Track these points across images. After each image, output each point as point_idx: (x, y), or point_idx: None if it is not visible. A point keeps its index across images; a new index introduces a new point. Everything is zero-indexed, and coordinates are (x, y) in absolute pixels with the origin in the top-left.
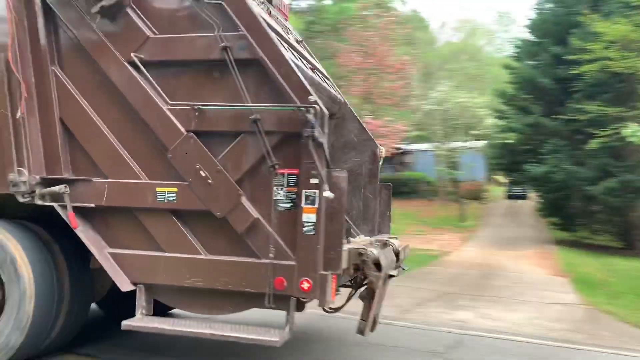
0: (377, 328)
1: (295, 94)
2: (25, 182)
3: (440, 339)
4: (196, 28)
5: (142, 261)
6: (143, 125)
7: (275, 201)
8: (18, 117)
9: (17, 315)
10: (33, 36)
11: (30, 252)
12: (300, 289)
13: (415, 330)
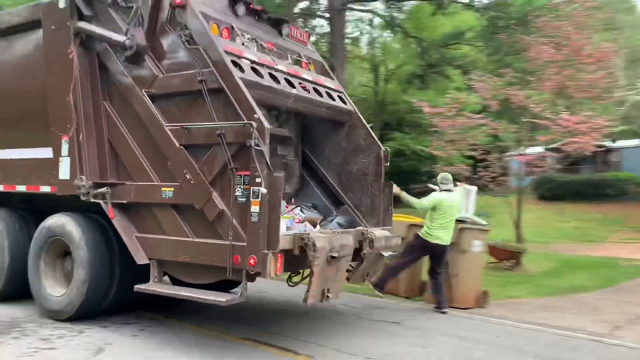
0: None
1: (244, 113)
2: (84, 185)
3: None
4: (185, 67)
5: (154, 242)
6: (154, 141)
7: (235, 196)
8: (80, 139)
9: (77, 280)
10: (91, 80)
11: (88, 233)
12: (249, 264)
13: (629, 350)
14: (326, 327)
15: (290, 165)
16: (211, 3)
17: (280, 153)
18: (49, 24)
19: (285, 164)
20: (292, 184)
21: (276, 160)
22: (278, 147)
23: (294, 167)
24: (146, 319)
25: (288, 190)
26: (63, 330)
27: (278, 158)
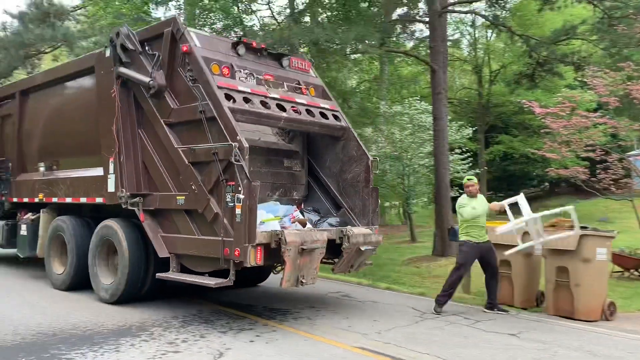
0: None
1: (229, 136)
2: (124, 196)
3: None
4: (191, 100)
5: (172, 239)
6: (171, 160)
7: (226, 202)
8: (121, 160)
9: (121, 270)
10: (129, 113)
11: (126, 231)
12: (235, 255)
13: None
14: (442, 338)
15: (297, 175)
16: (216, 47)
17: (287, 165)
18: (99, 69)
19: (292, 174)
20: (300, 190)
21: (282, 171)
22: (284, 160)
23: (300, 176)
24: (260, 324)
25: (296, 196)
26: (186, 335)
27: (284, 169)
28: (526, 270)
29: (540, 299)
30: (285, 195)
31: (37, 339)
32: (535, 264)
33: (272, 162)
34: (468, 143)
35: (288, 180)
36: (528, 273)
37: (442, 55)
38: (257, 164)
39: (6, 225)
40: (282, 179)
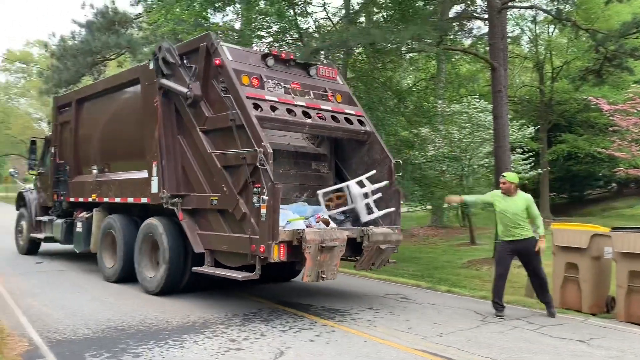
0: None
1: (256, 142)
2: (165, 197)
3: None
4: (223, 109)
5: (206, 236)
6: (206, 164)
7: (253, 202)
8: (163, 163)
9: (162, 264)
10: (170, 121)
11: (167, 228)
12: (260, 251)
13: None
14: (504, 342)
15: (325, 177)
16: (246, 60)
17: (315, 167)
18: (144, 81)
19: (319, 176)
20: (328, 192)
21: (310, 173)
22: (312, 163)
23: (327, 178)
24: (320, 324)
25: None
26: (247, 333)
27: (312, 172)
28: (595, 273)
29: (611, 305)
30: (313, 196)
31: (107, 333)
32: (605, 267)
33: (300, 165)
34: (530, 142)
35: (316, 182)
36: (597, 277)
37: (502, 53)
38: (286, 166)
39: (64, 223)
40: (310, 181)
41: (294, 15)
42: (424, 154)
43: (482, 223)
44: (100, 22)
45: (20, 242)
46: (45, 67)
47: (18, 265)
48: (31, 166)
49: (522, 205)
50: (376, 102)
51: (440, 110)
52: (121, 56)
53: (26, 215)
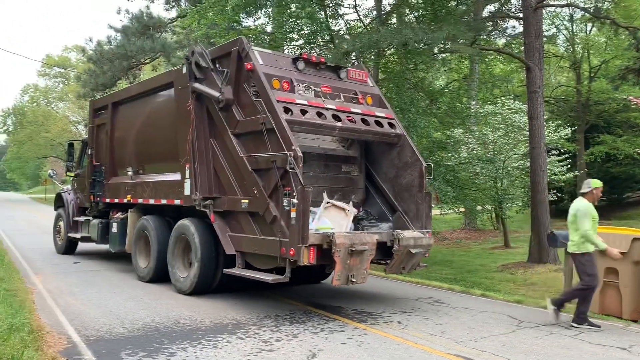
0: None
1: (286, 146)
2: (197, 199)
3: None
4: (254, 113)
5: (237, 238)
6: (237, 167)
7: (283, 205)
8: (196, 166)
9: (194, 264)
10: (202, 124)
11: (199, 230)
12: (290, 254)
13: None
14: (541, 348)
15: (355, 179)
16: (276, 64)
17: (345, 170)
18: (177, 85)
19: (350, 178)
20: (358, 194)
21: (340, 175)
22: (343, 165)
23: (358, 180)
24: (352, 327)
25: (354, 199)
26: (279, 334)
27: (342, 174)
28: (635, 279)
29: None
30: (344, 199)
31: (142, 332)
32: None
33: (330, 167)
34: (566, 144)
35: (346, 184)
36: (637, 282)
37: (537, 52)
38: (316, 169)
39: (100, 223)
40: (340, 183)
41: (325, 17)
42: (457, 155)
43: (516, 226)
44: (136, 27)
45: (58, 242)
46: (82, 72)
47: (56, 265)
48: (69, 168)
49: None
50: (408, 104)
51: (474, 111)
52: (155, 60)
53: (64, 216)
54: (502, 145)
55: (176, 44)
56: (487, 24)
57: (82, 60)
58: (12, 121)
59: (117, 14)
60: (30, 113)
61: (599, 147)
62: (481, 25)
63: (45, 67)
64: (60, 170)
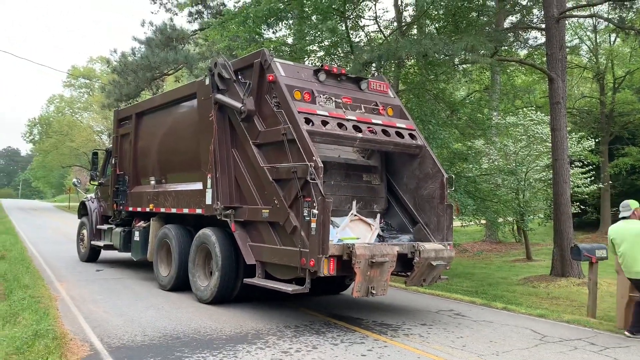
0: None
1: (306, 156)
2: (218, 208)
3: None
4: (275, 124)
5: (258, 248)
6: (258, 177)
7: (303, 216)
8: (217, 176)
9: (214, 273)
10: (224, 134)
11: (220, 239)
12: (310, 265)
13: None
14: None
15: (376, 188)
16: (298, 75)
17: (366, 179)
18: (200, 96)
19: (371, 187)
20: (380, 203)
21: (361, 184)
22: (363, 174)
23: (379, 189)
24: (371, 339)
25: (376, 209)
26: (299, 345)
27: (363, 183)
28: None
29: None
30: (366, 208)
31: (163, 341)
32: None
33: (351, 177)
34: (589, 155)
35: (367, 193)
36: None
37: (560, 63)
38: (337, 177)
39: (123, 232)
40: (361, 192)
41: (345, 29)
42: (478, 166)
43: (538, 239)
44: (159, 38)
45: (81, 250)
46: (106, 82)
47: (79, 272)
48: (93, 177)
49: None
50: (428, 115)
51: (495, 123)
52: (178, 71)
53: (87, 224)
54: (524, 157)
55: (199, 55)
56: (508, 35)
57: (107, 71)
58: (37, 131)
59: (141, 26)
60: (55, 123)
61: (624, 159)
62: (502, 36)
63: (70, 78)
64: (84, 179)
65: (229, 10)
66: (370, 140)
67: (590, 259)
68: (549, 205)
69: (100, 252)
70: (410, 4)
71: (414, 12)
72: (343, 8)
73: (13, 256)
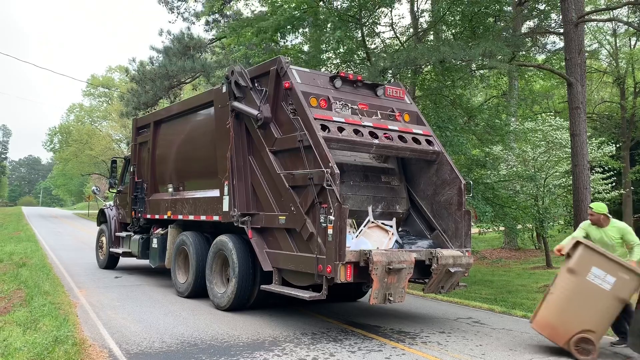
0: None
1: (323, 163)
2: (235, 215)
3: None
4: (291, 130)
5: (274, 255)
6: (274, 183)
7: (320, 222)
8: (234, 183)
9: (231, 280)
10: (241, 142)
11: (237, 246)
12: (327, 272)
13: None
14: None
15: (396, 189)
16: (314, 82)
17: (385, 180)
18: (217, 103)
19: (391, 188)
20: (402, 204)
21: (381, 185)
22: (382, 176)
23: (399, 190)
24: (389, 347)
25: (399, 209)
26: (316, 352)
27: (383, 184)
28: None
29: None
30: (388, 209)
31: (181, 347)
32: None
33: (370, 178)
34: (610, 161)
35: (388, 194)
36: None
37: (579, 68)
38: (356, 178)
39: (141, 239)
40: (382, 193)
41: (361, 36)
42: (496, 173)
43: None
44: (177, 47)
45: (100, 257)
46: (125, 91)
47: (99, 279)
48: (111, 184)
49: (617, 236)
50: (445, 121)
51: (513, 128)
52: (195, 80)
53: (106, 231)
54: (543, 163)
55: (216, 63)
56: (526, 40)
57: (125, 80)
58: (58, 139)
59: (159, 35)
60: (75, 131)
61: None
62: (520, 41)
63: (90, 87)
64: (103, 186)
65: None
66: (387, 147)
67: None
68: (569, 211)
69: (119, 259)
70: (427, 10)
71: (430, 18)
72: (359, 15)
73: (34, 263)
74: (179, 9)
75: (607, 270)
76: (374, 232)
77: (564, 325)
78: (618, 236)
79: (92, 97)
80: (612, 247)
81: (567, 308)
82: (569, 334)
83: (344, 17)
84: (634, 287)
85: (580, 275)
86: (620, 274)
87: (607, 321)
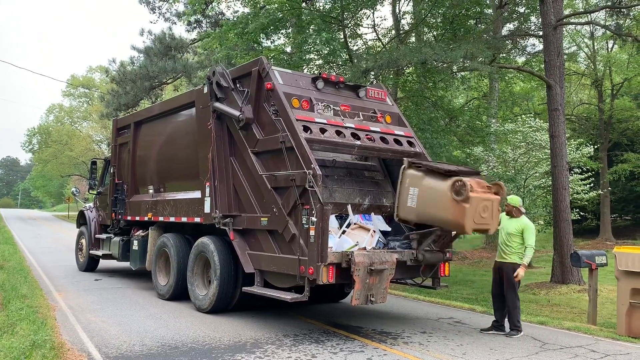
0: None
1: (305, 164)
2: (217, 217)
3: None
4: (273, 132)
5: (257, 257)
6: (257, 185)
7: (302, 224)
8: (216, 184)
9: (213, 282)
10: (223, 143)
11: (219, 248)
12: (309, 273)
13: None
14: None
15: (381, 183)
16: (296, 83)
17: (368, 175)
18: (199, 104)
19: (376, 182)
20: (388, 197)
21: (365, 180)
22: (365, 172)
23: (384, 184)
24: (371, 347)
25: (386, 202)
26: (298, 354)
27: (367, 179)
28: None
29: None
30: (376, 202)
31: (162, 350)
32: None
33: (354, 173)
34: (588, 162)
35: (374, 187)
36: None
37: (558, 70)
38: (340, 173)
39: (121, 241)
40: (368, 186)
41: (343, 37)
42: None
43: (538, 246)
44: (158, 47)
45: (80, 259)
46: (105, 92)
47: (78, 282)
48: (91, 186)
49: (518, 228)
50: (426, 123)
51: (494, 130)
52: (177, 80)
53: (86, 233)
54: (523, 164)
55: (197, 64)
56: (506, 42)
57: (106, 81)
58: (37, 140)
59: (140, 35)
60: (55, 132)
61: (623, 166)
62: (500, 44)
63: (70, 87)
64: (83, 188)
65: (227, 21)
66: (369, 148)
67: (590, 265)
68: (548, 212)
69: (99, 262)
70: (408, 12)
71: (412, 20)
72: (341, 16)
73: (11, 266)
74: (160, 9)
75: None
76: (356, 232)
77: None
78: (520, 229)
79: (72, 98)
80: (512, 235)
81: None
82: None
83: (326, 18)
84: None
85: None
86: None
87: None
